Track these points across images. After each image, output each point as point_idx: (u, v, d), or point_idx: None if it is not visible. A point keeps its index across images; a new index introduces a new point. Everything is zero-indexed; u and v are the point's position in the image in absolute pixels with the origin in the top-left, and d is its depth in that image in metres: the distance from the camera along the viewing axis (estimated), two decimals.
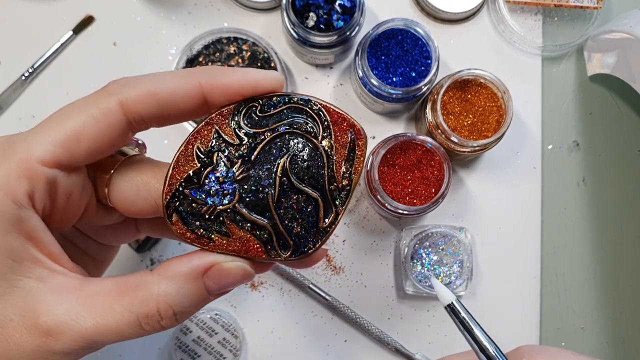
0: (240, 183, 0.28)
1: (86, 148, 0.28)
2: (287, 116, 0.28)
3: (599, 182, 0.59)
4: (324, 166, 0.28)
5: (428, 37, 0.52)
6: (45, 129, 0.28)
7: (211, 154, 0.28)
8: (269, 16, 0.59)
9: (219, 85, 0.28)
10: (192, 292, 0.28)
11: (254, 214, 0.28)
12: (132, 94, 0.28)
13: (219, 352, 0.54)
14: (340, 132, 0.28)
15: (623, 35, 0.54)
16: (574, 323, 0.58)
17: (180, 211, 0.28)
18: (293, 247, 0.29)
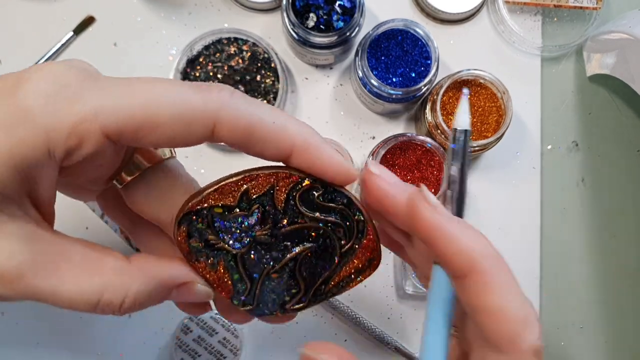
0: (256, 242, 0.29)
1: (154, 139, 0.26)
2: (335, 215, 0.29)
3: (598, 182, 0.59)
4: (328, 271, 0.30)
5: (428, 37, 0.53)
6: (129, 97, 0.25)
7: (253, 204, 0.29)
8: (269, 17, 0.59)
9: (311, 161, 0.28)
10: (159, 296, 0.28)
11: (248, 269, 0.29)
12: (235, 121, 0.26)
13: (220, 352, 0.54)
14: (363, 255, 0.30)
15: (622, 35, 0.54)
16: (574, 322, 0.58)
17: (194, 223, 0.28)
18: (254, 308, 0.30)
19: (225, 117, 0.26)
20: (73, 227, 0.57)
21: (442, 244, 0.25)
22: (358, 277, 0.30)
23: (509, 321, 0.25)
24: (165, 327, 0.56)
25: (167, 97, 0.26)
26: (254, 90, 0.55)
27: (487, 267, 0.25)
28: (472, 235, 0.26)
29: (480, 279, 0.25)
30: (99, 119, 0.24)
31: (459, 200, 0.28)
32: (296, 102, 0.59)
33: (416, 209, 0.26)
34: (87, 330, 0.56)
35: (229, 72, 0.55)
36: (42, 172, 0.25)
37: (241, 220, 0.29)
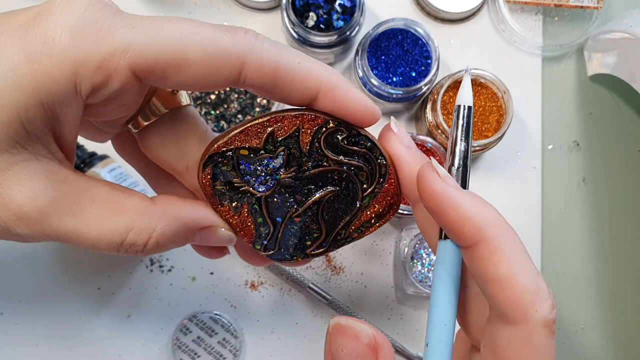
0: (281, 185, 0.29)
1: (181, 80, 0.25)
2: (358, 159, 0.29)
3: (599, 182, 0.59)
4: (349, 215, 0.30)
5: (428, 37, 0.52)
6: (157, 35, 0.24)
7: (279, 146, 0.28)
8: (269, 16, 0.59)
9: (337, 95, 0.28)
10: (182, 239, 0.28)
11: (270, 214, 0.29)
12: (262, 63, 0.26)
13: (219, 352, 0.54)
14: (383, 199, 0.30)
15: (623, 35, 0.54)
16: (574, 323, 0.58)
17: (219, 167, 0.28)
18: (275, 251, 0.31)
19: (253, 57, 0.26)
20: None
21: (451, 212, 0.25)
22: (378, 222, 0.30)
23: (520, 289, 0.24)
24: (165, 327, 0.56)
25: (195, 36, 0.25)
26: None
27: (497, 234, 0.25)
28: (481, 204, 0.26)
29: (490, 247, 0.25)
30: (127, 55, 0.24)
31: (464, 174, 0.28)
32: None
33: (426, 179, 0.26)
34: (86, 330, 0.56)
35: None
36: (67, 109, 0.24)
37: (266, 163, 0.28)
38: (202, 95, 0.55)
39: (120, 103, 0.27)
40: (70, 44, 0.23)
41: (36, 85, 0.23)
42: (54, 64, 0.23)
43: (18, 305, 0.56)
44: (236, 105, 0.55)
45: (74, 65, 0.23)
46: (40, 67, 0.23)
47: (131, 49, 0.24)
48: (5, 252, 0.57)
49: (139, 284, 0.56)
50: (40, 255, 0.56)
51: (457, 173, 0.28)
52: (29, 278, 0.56)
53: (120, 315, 0.56)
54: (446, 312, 0.26)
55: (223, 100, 0.55)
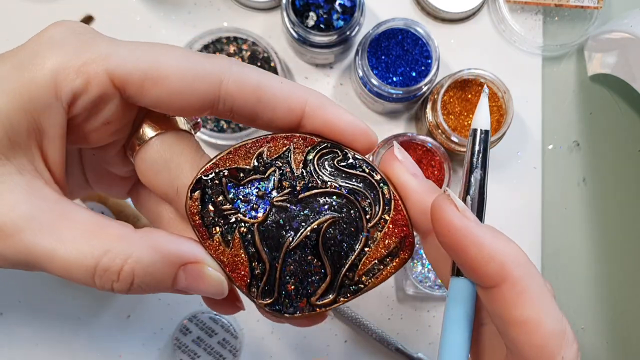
0: (274, 209, 0.26)
1: (159, 94, 0.25)
2: (357, 183, 0.27)
3: (599, 181, 0.59)
4: (356, 251, 0.27)
5: (428, 36, 0.52)
6: (137, 49, 0.25)
7: (269, 166, 0.26)
8: (269, 16, 0.59)
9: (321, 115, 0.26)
10: (162, 274, 0.25)
11: (265, 245, 0.26)
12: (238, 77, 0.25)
13: (219, 353, 0.54)
14: (393, 232, 0.27)
15: (623, 35, 0.54)
16: (575, 323, 0.58)
17: (207, 192, 0.26)
18: (274, 300, 0.27)
19: (233, 75, 0.25)
20: None
21: (474, 250, 0.23)
22: (392, 261, 0.27)
23: (547, 335, 0.23)
24: (165, 327, 0.56)
25: (174, 54, 0.25)
26: None
27: (521, 276, 0.23)
28: (505, 240, 0.24)
29: (515, 288, 0.23)
30: (106, 62, 0.24)
31: (480, 206, 0.26)
32: None
33: (443, 213, 0.24)
34: (86, 331, 0.56)
35: None
36: (49, 117, 0.24)
37: (257, 185, 0.26)
38: None
39: (104, 119, 0.26)
40: (52, 52, 0.24)
41: (19, 91, 0.23)
42: (36, 70, 0.24)
43: (18, 305, 0.56)
44: None
45: (54, 70, 0.24)
46: (24, 75, 0.24)
47: (110, 58, 0.24)
48: None
49: None
50: None
51: (473, 204, 0.26)
52: (29, 278, 0.56)
53: (120, 316, 0.56)
54: (458, 353, 0.25)
55: None
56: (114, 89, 0.25)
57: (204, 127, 0.54)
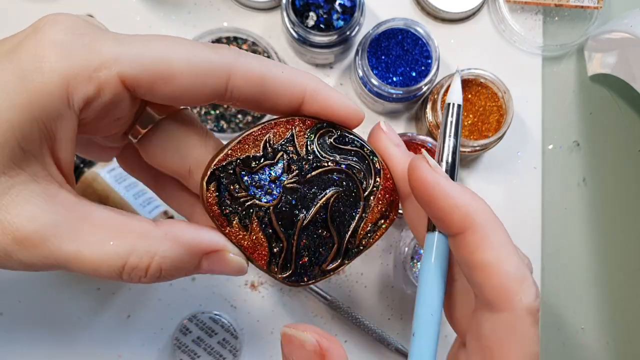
0: (286, 191, 0.28)
1: (171, 91, 0.26)
2: (352, 157, 0.29)
3: (599, 181, 0.59)
4: (355, 219, 0.29)
5: (428, 36, 0.52)
6: (146, 47, 0.25)
7: (277, 151, 0.28)
8: (269, 15, 0.59)
9: (321, 99, 0.28)
10: (186, 264, 0.27)
11: (281, 225, 0.29)
12: (243, 67, 0.26)
13: (219, 353, 0.54)
14: (383, 197, 0.30)
15: (623, 35, 0.54)
16: (574, 323, 0.58)
17: (222, 182, 0.28)
18: (292, 272, 0.29)
19: (239, 67, 0.26)
20: None
21: (441, 200, 0.26)
22: (384, 223, 0.30)
23: (505, 276, 0.25)
24: (165, 327, 0.56)
25: (182, 49, 0.26)
26: None
27: (485, 223, 0.26)
28: (470, 193, 0.27)
29: (477, 234, 0.25)
30: (117, 66, 0.24)
31: (452, 168, 0.29)
32: None
33: (417, 169, 0.27)
34: (86, 331, 0.56)
35: None
36: (61, 124, 0.24)
37: (269, 171, 0.28)
38: None
39: (114, 117, 0.27)
40: (60, 58, 0.23)
41: (29, 101, 0.23)
42: (45, 78, 0.23)
43: (18, 305, 0.56)
44: None
45: (65, 78, 0.23)
46: (32, 83, 0.23)
47: (120, 60, 0.24)
48: None
49: (138, 285, 0.56)
50: None
51: (446, 167, 0.29)
52: (29, 278, 0.56)
53: (120, 316, 0.56)
54: (433, 303, 0.28)
55: None
56: (125, 90, 0.25)
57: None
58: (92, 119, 0.26)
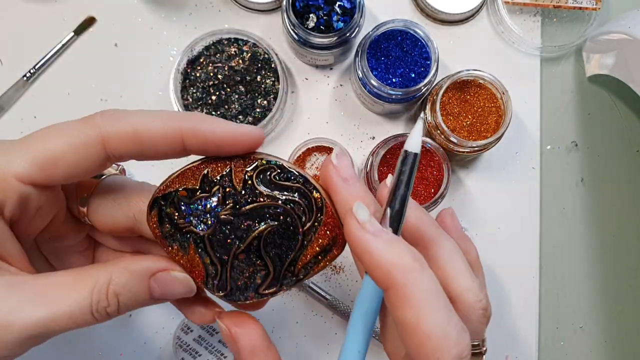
0: (220, 222, 0.30)
1: (63, 172, 0.29)
2: (293, 193, 0.30)
3: (597, 182, 0.60)
4: (293, 251, 0.31)
5: (427, 38, 0.53)
6: (27, 146, 0.29)
7: (213, 185, 0.30)
8: (270, 17, 0.59)
9: (199, 135, 0.29)
10: (137, 290, 0.30)
11: (215, 251, 0.31)
12: (115, 131, 0.29)
13: (220, 351, 0.54)
14: (325, 233, 0.31)
15: (621, 36, 0.54)
16: (573, 322, 0.59)
17: (163, 209, 0.30)
18: (228, 292, 0.32)
19: (110, 132, 0.29)
20: None
21: (366, 257, 0.27)
22: (325, 257, 0.31)
23: (423, 337, 0.26)
24: (166, 326, 0.56)
25: (59, 137, 0.29)
26: (254, 91, 0.56)
27: (406, 281, 0.26)
28: (396, 250, 0.27)
29: (398, 292, 0.26)
30: (8, 169, 0.28)
31: (398, 219, 0.29)
32: (296, 102, 0.59)
33: (346, 224, 0.28)
34: (87, 330, 0.56)
35: (229, 72, 0.55)
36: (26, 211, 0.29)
37: (204, 202, 0.30)
38: (203, 96, 0.55)
39: (35, 207, 0.30)
40: None
41: None
42: None
43: None
44: (237, 106, 0.55)
45: None
46: None
47: (11, 166, 0.28)
48: None
49: None
50: None
51: (392, 216, 0.29)
52: None
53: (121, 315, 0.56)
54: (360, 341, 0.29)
55: (224, 101, 0.55)
56: (25, 186, 0.28)
57: None
58: (19, 216, 0.29)
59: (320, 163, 0.57)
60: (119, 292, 0.29)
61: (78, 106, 0.57)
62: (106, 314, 0.29)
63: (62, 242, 0.35)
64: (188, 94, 0.56)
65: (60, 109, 0.57)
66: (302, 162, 0.57)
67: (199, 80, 0.55)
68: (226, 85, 0.55)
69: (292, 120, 0.59)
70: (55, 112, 0.57)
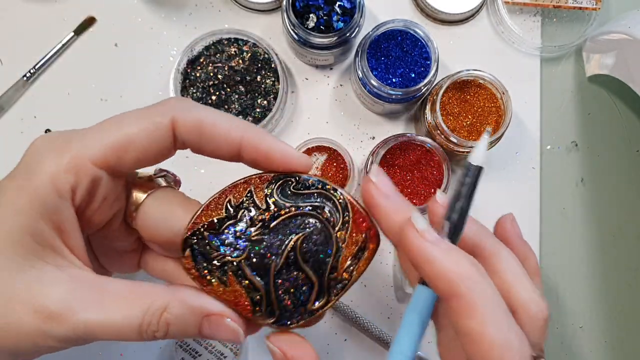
0: (253, 243, 0.30)
1: (134, 156, 0.30)
2: (315, 199, 0.31)
3: (597, 182, 0.60)
4: (331, 255, 0.30)
5: (427, 38, 0.53)
6: (102, 131, 0.30)
7: (238, 209, 0.31)
8: (270, 17, 0.59)
9: (258, 149, 0.31)
10: (188, 324, 0.30)
11: (255, 274, 0.30)
12: (184, 117, 0.30)
13: (220, 352, 0.54)
14: (357, 229, 0.31)
15: (621, 36, 0.54)
16: (573, 322, 0.59)
17: (194, 248, 0.30)
18: (277, 317, 0.31)
19: (180, 114, 0.30)
20: None
21: (427, 267, 0.27)
22: (364, 254, 0.31)
23: (487, 346, 0.26)
24: None
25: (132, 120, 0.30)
26: (254, 91, 0.56)
27: (469, 290, 0.26)
28: (456, 259, 0.27)
29: (461, 302, 0.26)
30: (84, 153, 0.29)
31: (457, 230, 0.29)
32: (296, 102, 0.59)
33: (405, 235, 0.28)
34: None
35: (230, 72, 0.55)
36: (62, 216, 0.29)
37: (233, 229, 0.30)
38: (203, 96, 0.55)
39: (102, 196, 0.31)
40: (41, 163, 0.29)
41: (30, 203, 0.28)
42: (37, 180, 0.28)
43: None
44: (237, 106, 0.55)
45: (50, 175, 0.29)
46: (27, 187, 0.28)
47: (86, 149, 0.29)
48: None
49: None
50: None
51: (451, 228, 0.29)
52: None
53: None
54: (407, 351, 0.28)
55: (224, 101, 0.55)
56: (99, 169, 0.30)
57: None
58: (85, 205, 0.30)
59: (320, 163, 0.58)
60: (171, 322, 0.29)
61: (78, 106, 0.57)
62: (152, 337, 0.29)
63: (114, 242, 0.35)
64: (188, 94, 0.56)
65: (61, 109, 0.57)
66: None
67: (199, 80, 0.55)
68: (226, 85, 0.55)
69: (292, 120, 0.59)
70: (55, 112, 0.57)
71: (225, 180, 0.32)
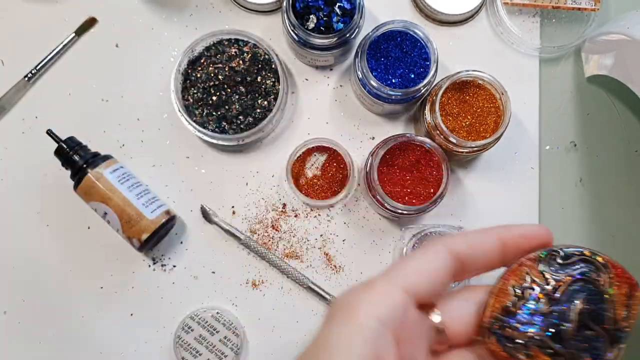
0: (546, 316, 0.33)
1: (431, 287, 0.32)
2: (580, 266, 0.34)
3: (596, 182, 0.60)
4: (608, 310, 0.34)
5: (427, 38, 0.53)
6: (406, 267, 0.32)
7: (524, 290, 0.34)
8: (270, 18, 0.59)
9: (514, 239, 0.33)
10: None
11: (555, 342, 0.33)
12: (457, 247, 0.33)
13: (221, 351, 0.54)
14: (620, 283, 0.34)
15: (620, 36, 0.54)
16: None
17: (497, 333, 0.34)
18: None
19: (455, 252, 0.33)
20: (74, 226, 0.57)
21: None
22: (632, 301, 0.34)
23: None
24: (167, 325, 0.56)
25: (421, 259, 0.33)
26: (255, 92, 0.56)
27: None
28: None
29: None
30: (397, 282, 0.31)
31: None
32: (296, 103, 0.59)
33: None
34: (88, 329, 0.56)
35: (230, 73, 0.56)
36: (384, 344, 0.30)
37: (525, 308, 0.34)
38: (203, 96, 0.56)
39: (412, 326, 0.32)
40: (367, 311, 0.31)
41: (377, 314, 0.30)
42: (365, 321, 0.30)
43: (21, 304, 0.57)
44: (237, 107, 0.56)
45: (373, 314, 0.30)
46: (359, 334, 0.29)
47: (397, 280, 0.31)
48: (9, 252, 0.57)
49: (141, 283, 0.57)
50: (43, 255, 0.57)
51: None
52: (32, 277, 0.57)
53: (122, 314, 0.57)
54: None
55: (224, 101, 0.56)
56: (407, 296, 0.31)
57: (205, 127, 0.55)
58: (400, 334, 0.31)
59: (320, 163, 0.58)
60: None
61: (79, 106, 0.58)
62: None
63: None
64: (189, 95, 0.56)
65: (62, 110, 0.58)
66: (302, 162, 0.58)
67: (199, 81, 0.56)
68: (227, 85, 0.56)
69: (292, 120, 0.59)
70: (56, 112, 0.57)
71: (226, 180, 0.32)
